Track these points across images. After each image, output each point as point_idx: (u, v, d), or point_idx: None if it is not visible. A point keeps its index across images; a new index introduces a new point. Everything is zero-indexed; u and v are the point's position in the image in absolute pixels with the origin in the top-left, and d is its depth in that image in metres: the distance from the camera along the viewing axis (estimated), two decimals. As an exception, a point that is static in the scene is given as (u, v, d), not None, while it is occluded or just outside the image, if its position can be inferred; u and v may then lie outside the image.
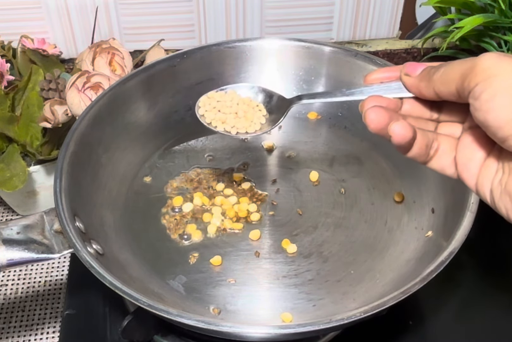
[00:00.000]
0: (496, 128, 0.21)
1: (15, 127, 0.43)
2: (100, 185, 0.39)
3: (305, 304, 0.36)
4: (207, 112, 0.34)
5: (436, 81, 0.23)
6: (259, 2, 0.50)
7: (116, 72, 0.44)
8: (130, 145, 0.43)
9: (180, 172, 0.44)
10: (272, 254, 0.39)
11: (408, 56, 0.55)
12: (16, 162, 0.41)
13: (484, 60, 0.21)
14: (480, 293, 0.41)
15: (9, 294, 0.43)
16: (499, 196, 0.22)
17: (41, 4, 0.47)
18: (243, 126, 0.33)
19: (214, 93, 0.34)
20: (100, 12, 0.48)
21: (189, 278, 0.37)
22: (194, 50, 0.44)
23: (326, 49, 0.45)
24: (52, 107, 0.40)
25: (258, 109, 0.33)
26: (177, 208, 0.41)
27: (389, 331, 0.38)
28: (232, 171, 0.44)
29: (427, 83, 0.24)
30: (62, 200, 0.34)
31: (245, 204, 0.41)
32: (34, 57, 0.45)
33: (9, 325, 0.41)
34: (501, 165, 0.23)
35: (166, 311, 0.29)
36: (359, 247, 0.39)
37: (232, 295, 0.36)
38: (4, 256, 0.31)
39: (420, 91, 0.24)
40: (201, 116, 0.34)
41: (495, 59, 0.21)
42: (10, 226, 0.32)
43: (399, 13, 0.52)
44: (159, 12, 0.50)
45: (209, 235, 0.39)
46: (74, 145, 0.37)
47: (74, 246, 0.32)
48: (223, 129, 0.33)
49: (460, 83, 0.22)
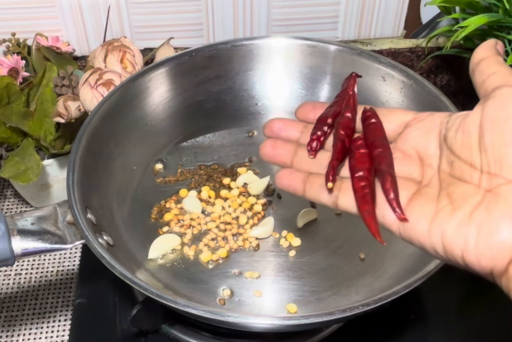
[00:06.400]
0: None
1: (30, 122, 0.43)
2: (111, 178, 0.40)
3: (309, 297, 0.36)
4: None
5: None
6: (266, 2, 0.50)
7: (127, 69, 0.45)
8: (140, 140, 0.43)
9: (188, 167, 0.45)
10: (277, 247, 0.39)
11: (412, 55, 0.55)
12: (31, 156, 0.42)
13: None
14: (481, 288, 0.41)
15: (22, 283, 0.44)
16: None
17: (55, 3, 0.48)
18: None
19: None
20: (112, 11, 0.49)
21: (196, 270, 0.38)
22: (202, 48, 0.45)
23: (331, 48, 0.45)
24: (65, 103, 0.41)
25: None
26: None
27: (391, 325, 0.39)
28: (238, 166, 0.45)
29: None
30: (75, 193, 0.34)
31: (251, 197, 0.42)
32: (48, 55, 0.46)
33: (22, 312, 0.42)
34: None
35: (174, 301, 0.30)
36: (362, 241, 0.39)
37: (237, 287, 0.37)
38: (19, 246, 0.32)
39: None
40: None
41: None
42: (25, 217, 0.33)
43: (404, 13, 0.53)
44: (169, 11, 0.50)
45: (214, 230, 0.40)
46: (86, 140, 0.38)
47: (85, 237, 0.32)
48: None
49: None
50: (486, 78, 0.22)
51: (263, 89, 0.47)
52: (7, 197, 0.51)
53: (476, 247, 0.20)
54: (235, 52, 0.45)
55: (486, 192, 0.21)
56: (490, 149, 0.21)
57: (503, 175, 0.20)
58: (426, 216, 0.22)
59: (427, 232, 0.21)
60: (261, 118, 0.47)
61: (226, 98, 0.47)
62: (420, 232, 0.22)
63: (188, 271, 0.38)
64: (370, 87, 0.44)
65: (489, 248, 0.20)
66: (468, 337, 0.39)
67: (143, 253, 0.38)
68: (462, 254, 0.21)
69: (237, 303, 0.36)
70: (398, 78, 0.43)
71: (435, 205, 0.22)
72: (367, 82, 0.44)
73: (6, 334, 0.41)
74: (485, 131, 0.21)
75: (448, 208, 0.21)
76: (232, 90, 0.47)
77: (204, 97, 0.46)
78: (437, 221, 0.21)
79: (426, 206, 0.22)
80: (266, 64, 0.46)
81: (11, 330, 0.41)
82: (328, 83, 0.46)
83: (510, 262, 0.20)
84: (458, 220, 0.21)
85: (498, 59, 0.23)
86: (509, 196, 0.20)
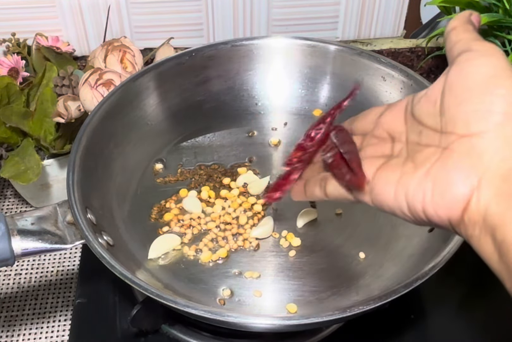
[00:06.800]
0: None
1: (30, 122, 0.43)
2: (111, 178, 0.40)
3: (309, 297, 0.36)
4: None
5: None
6: (266, 2, 0.50)
7: (127, 69, 0.45)
8: (140, 140, 0.43)
9: (188, 167, 0.45)
10: (276, 247, 0.39)
11: (412, 55, 0.55)
12: (31, 156, 0.42)
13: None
14: (481, 288, 0.41)
15: (22, 283, 0.44)
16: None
17: (55, 3, 0.48)
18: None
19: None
20: (112, 11, 0.49)
21: (196, 270, 0.38)
22: (202, 48, 0.45)
23: (331, 48, 0.45)
24: (65, 103, 0.41)
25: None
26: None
27: (391, 324, 0.39)
28: (238, 166, 0.45)
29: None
30: (75, 193, 0.34)
31: (251, 197, 0.42)
32: (48, 55, 0.46)
33: (22, 312, 0.42)
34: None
35: (174, 301, 0.30)
36: (362, 241, 0.39)
37: (237, 287, 0.37)
38: (19, 246, 0.32)
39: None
40: None
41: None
42: (25, 217, 0.33)
43: (404, 13, 0.53)
44: (169, 11, 0.50)
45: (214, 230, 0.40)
46: (86, 140, 0.38)
47: (85, 237, 0.32)
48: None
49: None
50: (452, 46, 0.24)
51: (263, 89, 0.47)
52: (7, 197, 0.51)
53: (432, 199, 0.22)
54: (235, 52, 0.45)
55: (443, 149, 0.22)
56: (447, 111, 0.22)
57: (456, 131, 0.22)
58: (392, 180, 0.23)
59: (393, 195, 0.23)
60: (261, 118, 0.47)
61: (226, 98, 0.47)
62: (388, 196, 0.23)
63: (188, 271, 0.38)
64: (370, 87, 0.45)
65: (444, 198, 0.21)
66: (468, 337, 0.39)
67: (143, 253, 0.38)
68: (422, 207, 0.22)
69: (237, 303, 0.36)
70: (398, 78, 0.43)
71: (400, 170, 0.23)
72: (367, 82, 0.44)
73: (6, 334, 0.41)
74: (445, 94, 0.23)
75: (411, 170, 0.23)
76: (232, 90, 0.47)
77: (204, 97, 0.47)
78: (401, 183, 0.23)
79: (392, 172, 0.24)
80: (266, 64, 0.46)
81: (11, 330, 0.41)
82: (328, 83, 0.46)
83: (464, 211, 0.21)
84: (418, 178, 0.22)
85: (466, 28, 0.24)
86: (460, 149, 0.22)
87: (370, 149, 0.26)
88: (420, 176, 0.22)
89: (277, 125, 0.47)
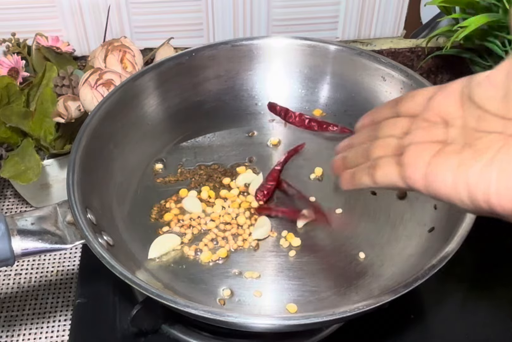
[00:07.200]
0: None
1: (30, 122, 0.43)
2: (111, 178, 0.40)
3: (309, 297, 0.36)
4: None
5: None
6: (266, 2, 0.50)
7: (127, 69, 0.45)
8: (140, 140, 0.43)
9: (188, 167, 0.45)
10: (276, 247, 0.39)
11: (412, 55, 0.55)
12: (31, 156, 0.42)
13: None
14: (481, 288, 0.41)
15: (22, 283, 0.44)
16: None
17: (55, 3, 0.48)
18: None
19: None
20: (112, 11, 0.49)
21: (196, 270, 0.38)
22: (202, 48, 0.45)
23: (331, 48, 0.45)
24: (65, 103, 0.41)
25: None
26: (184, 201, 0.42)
27: (391, 324, 0.39)
28: (238, 166, 0.45)
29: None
30: (75, 193, 0.34)
31: (251, 197, 0.42)
32: (48, 55, 0.46)
33: (22, 312, 0.42)
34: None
35: (174, 301, 0.30)
36: (362, 241, 0.39)
37: (237, 287, 0.37)
38: (19, 246, 0.32)
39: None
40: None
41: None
42: (25, 217, 0.33)
43: (404, 13, 0.53)
44: (169, 11, 0.50)
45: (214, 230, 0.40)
46: (86, 140, 0.38)
47: (85, 237, 0.32)
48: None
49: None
50: None
51: (263, 89, 0.47)
52: (7, 197, 0.51)
53: (497, 189, 0.21)
54: (235, 52, 0.46)
55: (508, 136, 0.21)
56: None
57: None
58: (450, 168, 0.22)
59: (452, 183, 0.22)
60: (261, 118, 0.47)
61: (226, 98, 0.47)
62: (446, 184, 0.22)
63: (188, 271, 0.38)
64: (370, 87, 0.45)
65: (510, 189, 0.20)
66: (468, 337, 0.39)
67: (143, 253, 0.38)
68: (485, 197, 0.21)
69: (237, 303, 0.36)
70: (398, 78, 0.43)
71: (458, 157, 0.22)
72: (367, 82, 0.44)
73: (6, 334, 0.41)
74: (510, 79, 0.21)
75: (471, 157, 0.22)
76: (232, 90, 0.47)
77: (204, 97, 0.47)
78: (461, 170, 0.22)
79: (449, 159, 0.23)
80: (266, 64, 0.46)
81: (11, 330, 0.41)
82: (328, 83, 0.47)
83: None
84: (481, 165, 0.21)
85: None
86: None
87: (420, 133, 0.25)
88: (482, 164, 0.21)
89: (277, 125, 0.47)
